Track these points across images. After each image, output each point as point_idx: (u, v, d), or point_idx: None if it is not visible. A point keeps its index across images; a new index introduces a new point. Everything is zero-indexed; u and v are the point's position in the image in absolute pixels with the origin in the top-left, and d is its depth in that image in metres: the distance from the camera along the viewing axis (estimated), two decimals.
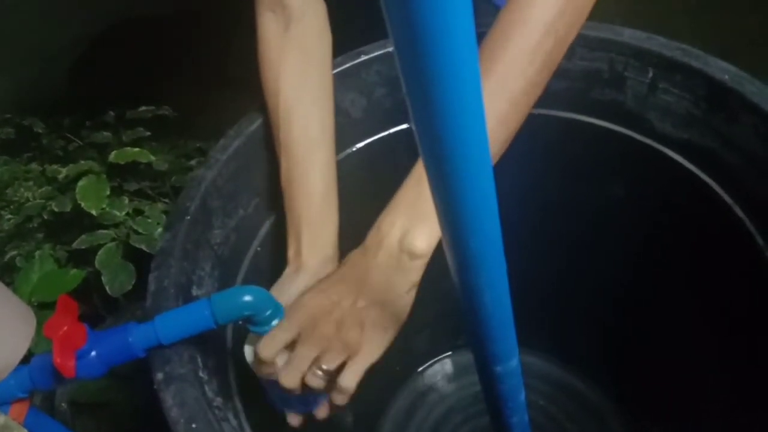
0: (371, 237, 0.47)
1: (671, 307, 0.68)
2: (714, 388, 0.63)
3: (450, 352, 0.87)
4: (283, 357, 0.46)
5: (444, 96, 0.24)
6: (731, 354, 0.60)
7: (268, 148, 0.60)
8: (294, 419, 0.53)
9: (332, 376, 0.45)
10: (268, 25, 0.57)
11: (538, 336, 0.81)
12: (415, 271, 0.46)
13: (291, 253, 0.54)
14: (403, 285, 0.46)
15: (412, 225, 0.45)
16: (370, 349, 0.45)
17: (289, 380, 0.44)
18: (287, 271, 0.54)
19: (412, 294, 0.47)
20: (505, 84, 0.45)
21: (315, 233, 0.54)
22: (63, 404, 0.78)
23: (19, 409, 0.46)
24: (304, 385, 0.45)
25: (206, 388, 0.44)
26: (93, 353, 0.43)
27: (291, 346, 0.46)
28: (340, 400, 0.46)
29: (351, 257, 0.48)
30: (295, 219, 0.54)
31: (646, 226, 0.64)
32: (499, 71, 0.45)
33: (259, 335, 0.47)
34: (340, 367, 0.45)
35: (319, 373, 0.44)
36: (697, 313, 0.64)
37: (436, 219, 0.34)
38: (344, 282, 0.47)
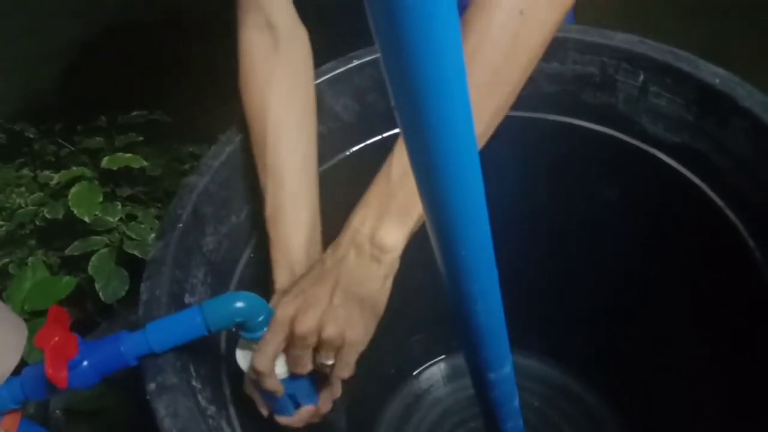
0: (343, 235, 0.47)
1: (665, 309, 0.68)
2: (709, 390, 0.63)
3: (444, 355, 0.88)
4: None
5: (431, 102, 0.24)
6: (726, 355, 0.60)
7: None
8: (297, 421, 0.52)
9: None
10: (255, 46, 0.56)
11: (534, 338, 0.82)
12: (387, 265, 0.46)
13: (282, 280, 0.53)
14: (377, 279, 0.46)
15: (382, 220, 0.45)
16: (354, 338, 0.47)
17: (302, 368, 0.47)
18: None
19: (387, 287, 0.47)
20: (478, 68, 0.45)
21: (307, 263, 0.53)
22: (57, 411, 0.77)
23: (11, 420, 0.46)
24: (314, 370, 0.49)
25: (199, 397, 0.44)
26: (85, 363, 0.43)
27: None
28: (337, 390, 0.52)
29: (324, 257, 0.48)
30: (284, 247, 0.53)
31: (639, 228, 0.64)
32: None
33: (251, 341, 0.47)
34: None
35: (328, 353, 0.47)
36: (691, 314, 0.65)
37: (406, 213, 0.38)
38: (319, 282, 0.47)
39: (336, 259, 0.47)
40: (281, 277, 0.53)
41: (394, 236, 0.45)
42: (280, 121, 0.55)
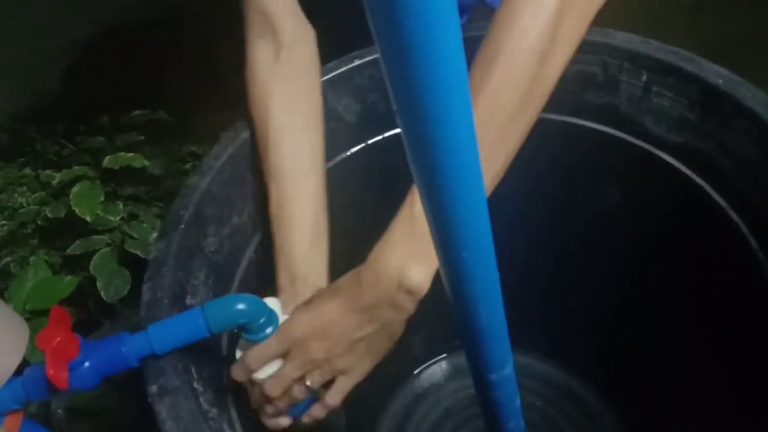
0: (366, 273, 0.45)
1: (666, 309, 0.68)
2: (710, 390, 0.63)
3: (446, 354, 0.88)
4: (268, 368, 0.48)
5: (431, 101, 0.23)
6: (727, 356, 0.60)
7: None
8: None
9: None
10: (260, 51, 0.56)
11: (535, 338, 0.82)
12: (412, 306, 0.46)
13: (283, 281, 0.52)
14: (399, 320, 0.47)
15: (408, 262, 0.43)
16: (357, 372, 0.49)
17: (273, 391, 0.48)
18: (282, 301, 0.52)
19: (404, 326, 0.48)
20: (491, 114, 0.44)
21: (308, 264, 0.53)
22: (59, 410, 0.77)
23: (13, 421, 0.46)
24: (287, 394, 0.49)
25: (201, 399, 0.44)
26: (86, 364, 0.43)
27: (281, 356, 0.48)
28: (321, 413, 0.51)
29: (346, 286, 0.47)
30: (287, 249, 0.53)
31: (641, 229, 0.64)
32: (482, 101, 0.43)
33: (252, 342, 0.47)
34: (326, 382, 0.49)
35: (304, 389, 0.48)
36: (692, 314, 0.64)
37: (431, 252, 0.34)
38: (339, 311, 0.46)
39: (359, 296, 0.45)
40: (281, 281, 0.53)
41: (421, 278, 0.44)
42: (281, 126, 0.54)
